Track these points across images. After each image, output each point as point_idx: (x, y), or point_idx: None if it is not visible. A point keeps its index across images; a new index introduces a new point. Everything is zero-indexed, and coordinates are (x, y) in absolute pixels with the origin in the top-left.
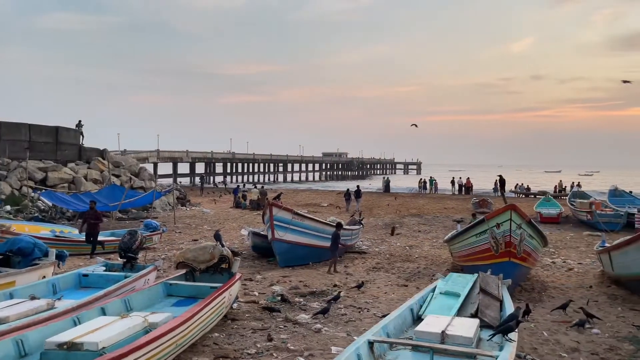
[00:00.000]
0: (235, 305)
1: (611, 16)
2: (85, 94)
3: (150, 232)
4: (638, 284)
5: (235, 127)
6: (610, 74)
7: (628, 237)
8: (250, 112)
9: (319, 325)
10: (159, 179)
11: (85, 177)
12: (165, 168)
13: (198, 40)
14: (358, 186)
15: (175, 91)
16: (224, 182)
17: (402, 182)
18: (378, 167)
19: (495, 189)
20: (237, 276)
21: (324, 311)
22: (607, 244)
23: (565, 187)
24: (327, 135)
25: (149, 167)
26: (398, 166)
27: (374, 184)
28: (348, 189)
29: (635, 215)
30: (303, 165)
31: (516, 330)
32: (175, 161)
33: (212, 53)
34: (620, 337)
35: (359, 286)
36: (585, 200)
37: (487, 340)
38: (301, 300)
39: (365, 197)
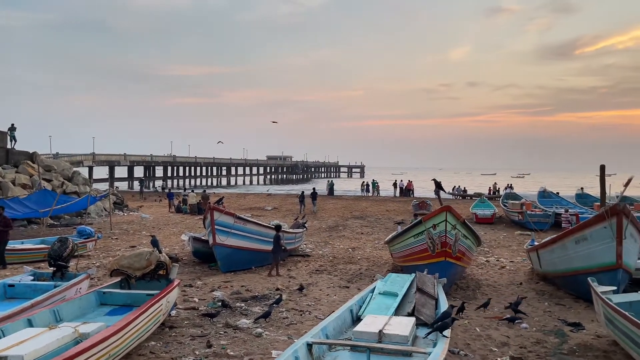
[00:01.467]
0: (173, 313)
1: (543, 27)
2: (12, 94)
3: (84, 238)
4: (563, 280)
5: (177, 130)
6: (541, 81)
7: (553, 236)
8: (193, 114)
9: (259, 330)
10: (94, 184)
11: (13, 182)
12: (101, 172)
13: (137, 40)
14: (314, 188)
15: (113, 92)
16: (163, 186)
17: (346, 185)
18: (322, 170)
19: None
20: (176, 282)
21: (266, 315)
22: (536, 243)
23: (499, 188)
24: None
25: (84, 171)
26: (342, 169)
27: (318, 187)
28: (303, 192)
29: (562, 215)
30: (247, 169)
31: (450, 327)
32: (112, 165)
33: (152, 54)
34: (547, 331)
35: (300, 289)
36: (517, 202)
37: (423, 338)
38: (242, 305)
39: (309, 201)
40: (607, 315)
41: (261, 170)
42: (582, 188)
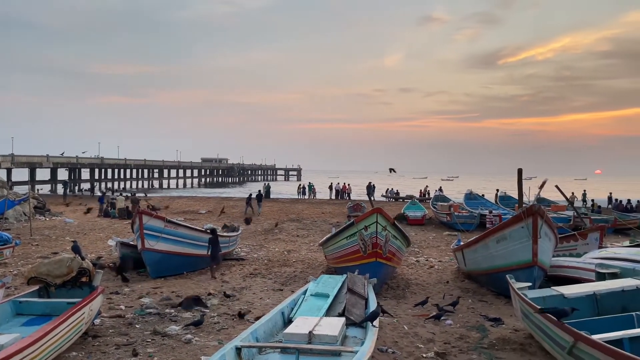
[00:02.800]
0: (97, 321)
1: (470, 37)
2: None
3: (0, 245)
4: (485, 278)
5: (105, 131)
6: (468, 89)
7: (477, 236)
8: (123, 114)
9: (189, 336)
10: (14, 187)
11: None
12: (21, 174)
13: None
14: (260, 190)
15: (35, 90)
16: (90, 189)
17: (283, 187)
18: (259, 173)
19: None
20: (99, 290)
21: (197, 323)
22: (462, 243)
23: (429, 191)
24: (207, 140)
25: (2, 174)
26: (279, 172)
27: (254, 189)
28: (250, 194)
29: (487, 216)
30: (181, 172)
31: (377, 321)
32: (33, 167)
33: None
34: (470, 327)
35: (227, 295)
36: (445, 203)
37: (352, 337)
38: (172, 311)
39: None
40: (523, 310)
41: (195, 173)
42: (498, 190)
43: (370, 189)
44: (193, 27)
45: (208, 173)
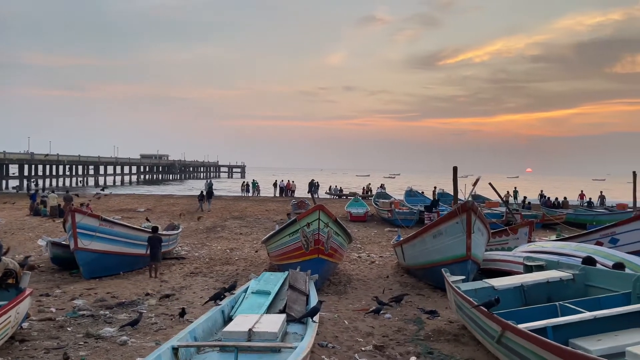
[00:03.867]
0: (25, 325)
1: (411, 38)
2: None
3: None
4: (423, 272)
5: (37, 125)
6: (409, 89)
7: (415, 232)
8: (56, 108)
9: (125, 338)
10: None
11: None
12: None
13: None
14: (210, 187)
15: None
16: (29, 186)
17: (226, 185)
18: (202, 170)
19: (313, 191)
20: (27, 292)
21: (134, 322)
22: (401, 239)
23: (371, 188)
24: (147, 136)
25: None
26: (222, 169)
27: (196, 186)
28: (202, 191)
29: (425, 213)
30: (118, 168)
31: (317, 316)
32: None
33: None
34: (407, 319)
35: (167, 296)
36: (387, 200)
37: (293, 334)
38: (107, 312)
39: (186, 201)
40: (457, 302)
41: (134, 169)
42: (435, 187)
43: (313, 186)
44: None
45: (147, 170)
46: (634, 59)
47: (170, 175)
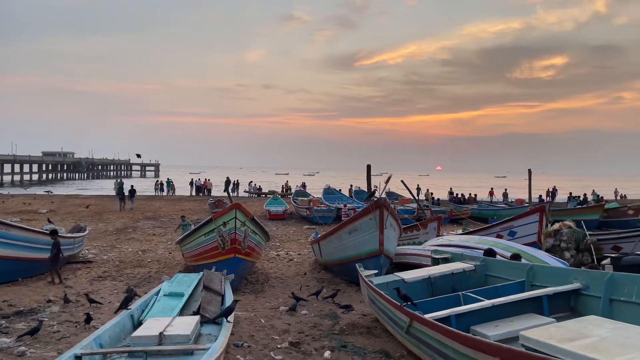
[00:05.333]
0: None
1: (329, 38)
2: None
3: None
4: (339, 268)
5: None
6: (328, 88)
7: (331, 229)
8: None
9: (23, 348)
10: None
11: None
12: None
13: None
14: (132, 186)
15: None
16: None
17: (139, 184)
18: (112, 168)
19: (232, 189)
20: None
21: (34, 331)
22: (319, 236)
23: (290, 186)
24: (50, 132)
25: None
26: (134, 167)
27: (105, 186)
28: (122, 190)
29: (342, 210)
30: (17, 166)
31: (232, 316)
32: None
33: None
34: (323, 315)
35: (65, 300)
36: (305, 198)
37: (207, 335)
38: (2, 322)
39: (95, 201)
40: (370, 296)
41: (35, 168)
42: (352, 185)
43: (229, 184)
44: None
45: (50, 168)
46: (531, 65)
47: (77, 175)
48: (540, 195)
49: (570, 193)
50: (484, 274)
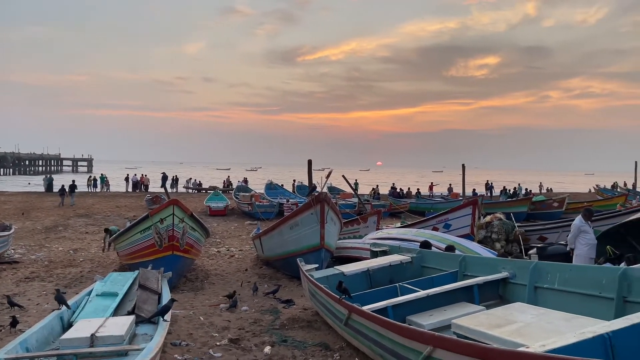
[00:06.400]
0: None
1: (271, 32)
2: None
3: None
4: (281, 263)
5: None
6: (269, 83)
7: (273, 224)
8: None
9: None
10: None
11: None
12: None
13: None
14: (73, 181)
15: None
16: None
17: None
18: (40, 163)
19: (171, 185)
20: None
21: None
22: (260, 231)
23: (231, 182)
24: None
25: None
26: (65, 162)
27: (34, 182)
28: (63, 185)
29: (284, 205)
30: None
31: (169, 315)
32: None
33: None
34: (264, 310)
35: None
36: (247, 194)
37: (143, 335)
38: None
39: (22, 198)
40: (310, 290)
41: None
42: (295, 180)
43: (165, 179)
44: None
45: None
46: (466, 64)
47: (2, 170)
48: (474, 189)
49: (504, 187)
50: (420, 265)
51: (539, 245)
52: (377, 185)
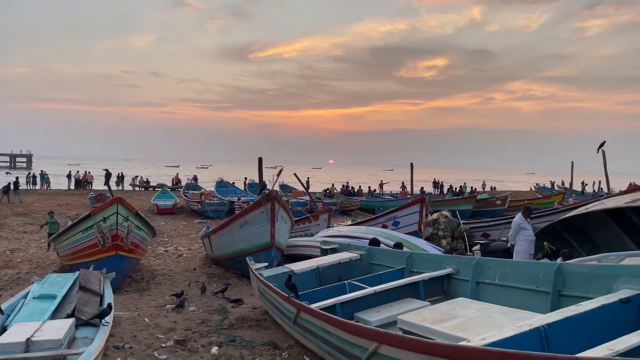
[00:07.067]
0: None
1: (223, 27)
2: None
3: None
4: (230, 262)
5: None
6: (221, 79)
7: (222, 222)
8: None
9: None
10: None
11: None
12: None
13: None
14: (17, 177)
15: None
16: None
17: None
18: None
19: (117, 182)
20: None
21: None
22: (210, 230)
23: (180, 179)
24: None
25: None
26: (2, 158)
27: None
28: (9, 182)
29: (235, 203)
30: None
31: (111, 317)
32: None
33: None
34: (212, 310)
35: None
36: (197, 192)
37: (83, 338)
38: None
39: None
40: (259, 289)
41: None
42: (246, 178)
43: (109, 177)
44: None
45: None
46: (415, 65)
47: None
48: (422, 188)
49: (451, 185)
50: (368, 262)
51: (482, 241)
52: (333, 184)
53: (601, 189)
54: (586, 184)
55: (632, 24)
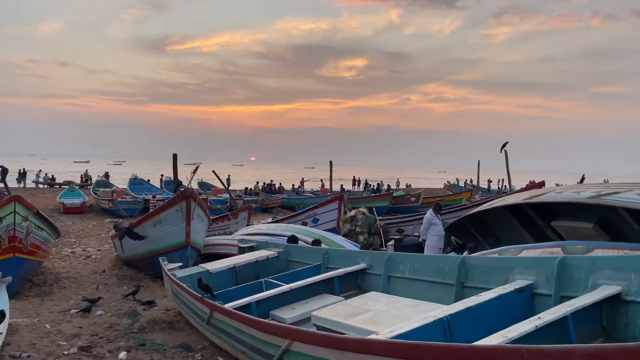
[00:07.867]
0: None
1: (138, 17)
2: None
3: None
4: (143, 263)
5: None
6: (136, 71)
7: (134, 221)
8: None
9: None
10: None
11: None
12: None
13: None
14: None
15: None
16: None
17: None
18: None
19: (18, 180)
20: None
21: None
22: None
23: (91, 176)
24: None
25: None
26: None
27: None
28: None
29: (150, 201)
30: None
31: (5, 325)
32: None
33: None
34: (122, 314)
35: None
36: (108, 189)
37: None
38: None
39: None
40: (173, 289)
41: None
42: (163, 175)
43: (5, 173)
44: None
45: None
46: (336, 64)
47: None
48: (342, 185)
49: (367, 181)
50: (286, 260)
51: (396, 237)
52: (258, 182)
53: (505, 186)
54: (491, 182)
55: (534, 32)
